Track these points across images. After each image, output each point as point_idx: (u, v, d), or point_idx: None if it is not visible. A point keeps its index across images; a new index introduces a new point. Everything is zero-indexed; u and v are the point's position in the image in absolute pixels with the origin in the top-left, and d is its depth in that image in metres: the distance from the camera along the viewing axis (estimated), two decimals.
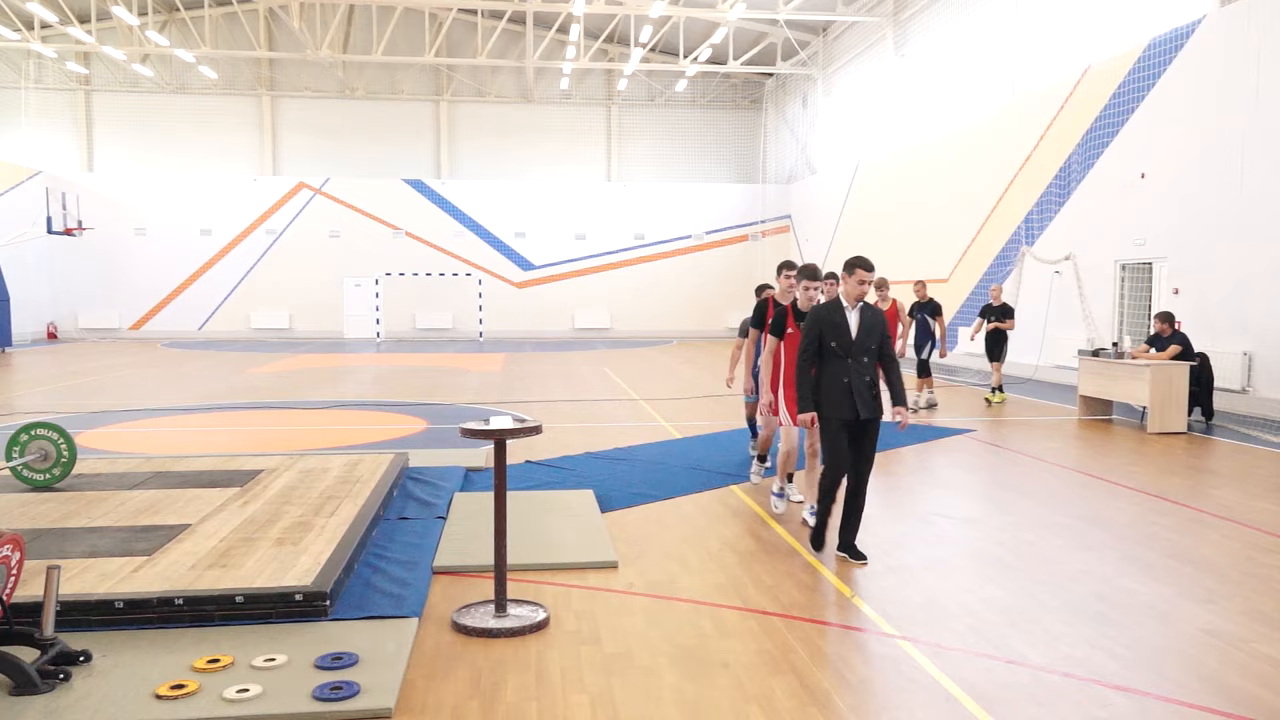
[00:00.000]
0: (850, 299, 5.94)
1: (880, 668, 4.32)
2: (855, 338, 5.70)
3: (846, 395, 5.67)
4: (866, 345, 5.72)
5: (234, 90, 31.80)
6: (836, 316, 5.76)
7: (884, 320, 5.81)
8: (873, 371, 5.72)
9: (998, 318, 13.96)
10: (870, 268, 5.85)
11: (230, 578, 4.82)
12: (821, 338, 5.75)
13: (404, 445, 10.05)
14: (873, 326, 5.75)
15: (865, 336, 5.72)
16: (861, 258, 5.79)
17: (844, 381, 5.68)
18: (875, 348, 5.73)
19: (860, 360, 5.71)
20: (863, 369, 5.71)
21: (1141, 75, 14.63)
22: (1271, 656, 4.38)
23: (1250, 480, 8.42)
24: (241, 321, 31.35)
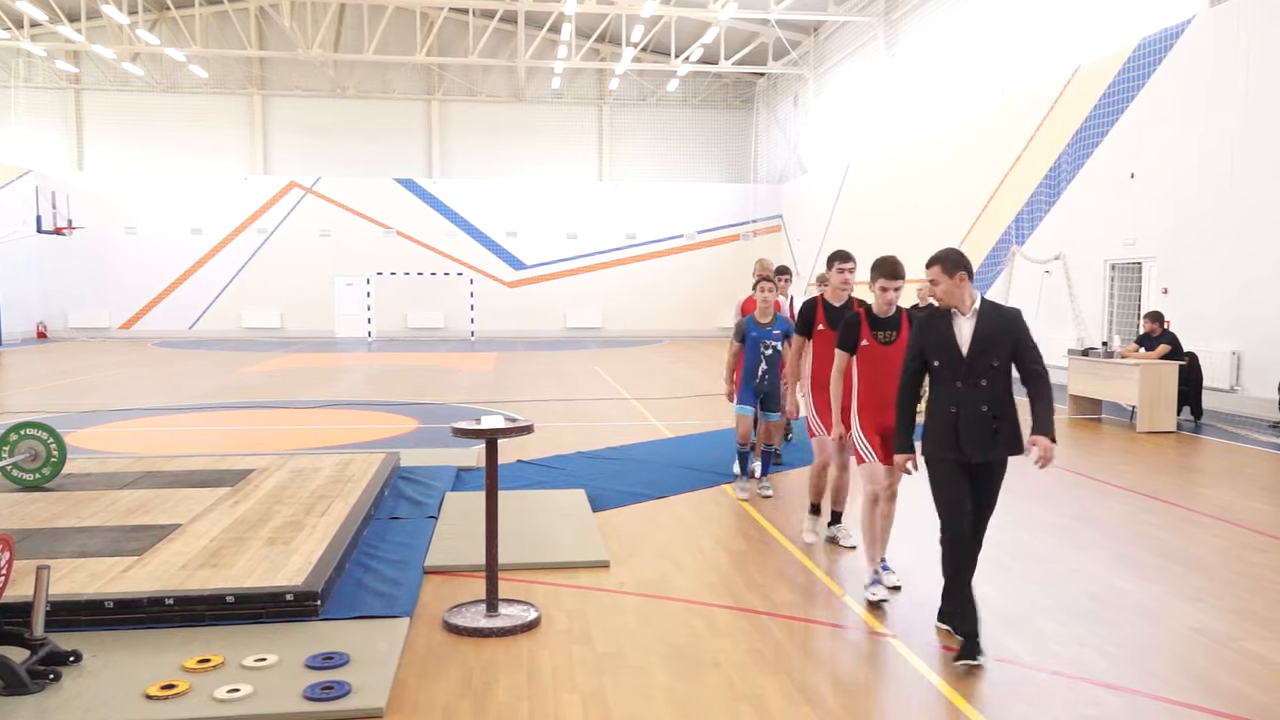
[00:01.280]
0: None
1: (872, 666, 4.34)
2: (967, 355, 4.32)
3: (953, 430, 4.36)
4: (985, 364, 4.30)
5: (225, 89, 31.68)
6: (942, 327, 4.41)
7: (1015, 327, 4.36)
8: (997, 397, 4.33)
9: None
10: (954, 264, 4.43)
11: (221, 577, 4.80)
12: (924, 355, 4.46)
13: (395, 445, 10.03)
14: (994, 338, 4.31)
15: (982, 353, 4.31)
16: (953, 251, 4.47)
17: (950, 411, 4.36)
18: (999, 365, 4.33)
19: (974, 383, 4.32)
20: (978, 395, 4.31)
21: (1131, 76, 14.69)
22: (1259, 654, 4.41)
23: (1239, 479, 8.47)
24: (232, 321, 31.24)
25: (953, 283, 4.37)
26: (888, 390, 5.05)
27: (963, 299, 4.38)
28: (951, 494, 4.41)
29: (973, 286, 4.41)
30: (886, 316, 5.40)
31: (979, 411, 4.31)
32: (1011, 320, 4.39)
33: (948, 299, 4.40)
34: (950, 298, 4.40)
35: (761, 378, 7.33)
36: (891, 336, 5.36)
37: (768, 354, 7.30)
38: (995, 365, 4.32)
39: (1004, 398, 4.33)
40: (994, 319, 4.35)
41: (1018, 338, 4.36)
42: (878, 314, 5.40)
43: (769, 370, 7.31)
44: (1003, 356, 4.32)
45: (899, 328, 5.38)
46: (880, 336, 5.36)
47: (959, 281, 4.37)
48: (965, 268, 4.38)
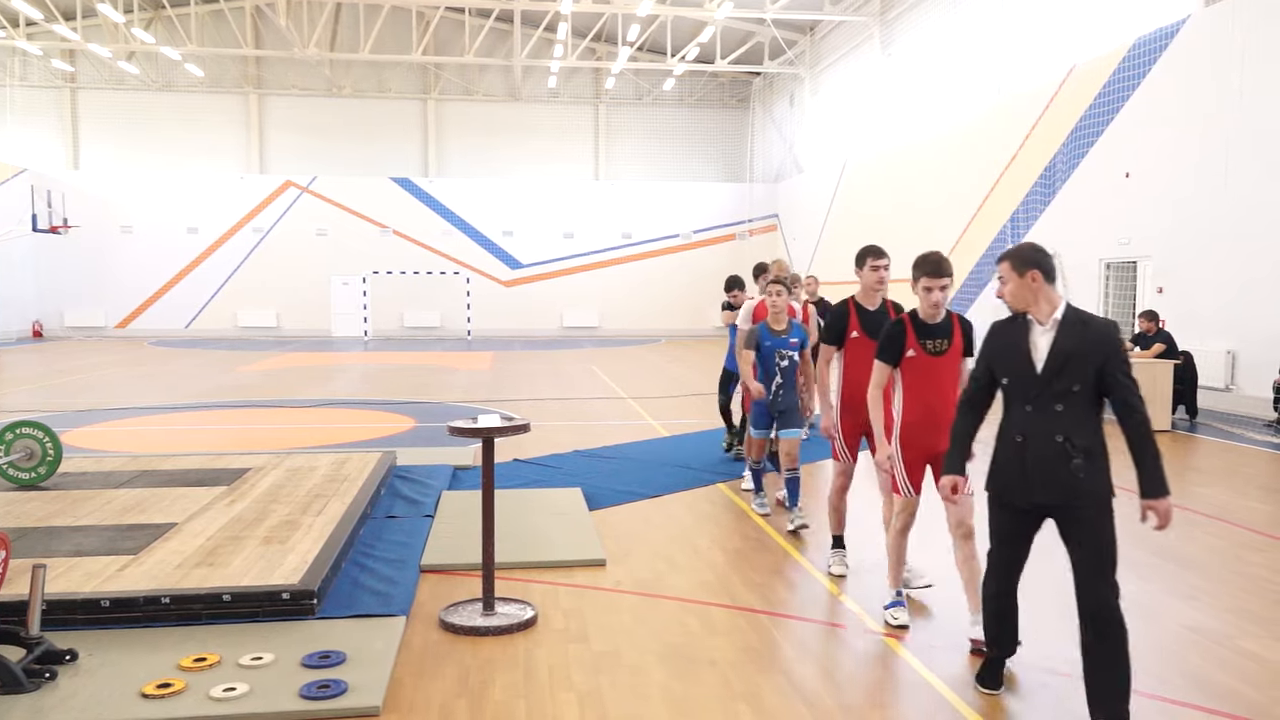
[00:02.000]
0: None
1: (867, 665, 4.35)
2: (1042, 372, 3.53)
3: (1019, 463, 3.59)
4: (1063, 386, 3.50)
5: (220, 88, 31.63)
6: (1014, 336, 3.65)
7: (1106, 345, 3.50)
8: (1077, 426, 3.50)
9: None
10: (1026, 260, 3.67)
11: (217, 576, 4.80)
12: (991, 369, 3.74)
13: (392, 444, 10.03)
14: (1076, 355, 3.48)
15: (1059, 372, 3.50)
16: (1028, 246, 3.72)
17: (1016, 441, 3.60)
18: (1080, 390, 3.48)
19: (1047, 408, 3.52)
20: (1051, 422, 3.52)
21: (1126, 75, 14.72)
22: (1254, 652, 4.42)
23: (1235, 478, 8.49)
24: (228, 320, 31.19)
25: (1022, 282, 3.60)
26: (936, 409, 4.51)
27: (1038, 303, 3.59)
28: (1001, 547, 3.75)
29: (1054, 290, 3.62)
30: (935, 322, 4.62)
31: (1052, 443, 3.51)
32: (1102, 336, 3.51)
33: (1016, 302, 3.65)
34: (1019, 301, 3.63)
35: (776, 392, 6.58)
36: (942, 346, 4.59)
37: (783, 365, 6.55)
38: (1075, 389, 3.49)
39: (1087, 428, 3.50)
40: (1078, 332, 3.52)
41: (1107, 359, 3.47)
42: (924, 319, 4.62)
43: (785, 384, 6.58)
44: (1085, 379, 3.48)
45: (950, 335, 4.63)
46: (929, 346, 4.58)
47: (1031, 281, 3.59)
48: (1040, 265, 3.60)
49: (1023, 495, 3.61)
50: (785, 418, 6.65)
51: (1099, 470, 3.52)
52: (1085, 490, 3.49)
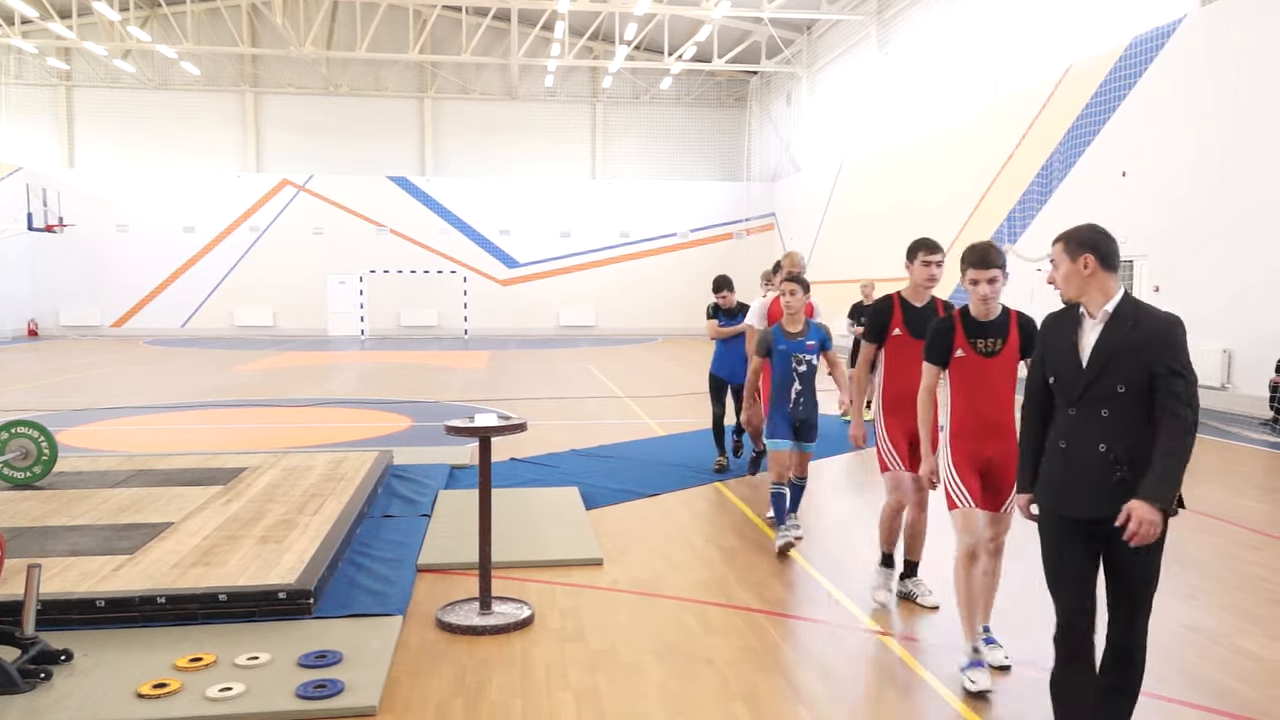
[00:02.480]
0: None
1: (864, 664, 4.34)
2: (1086, 369, 3.12)
3: (1061, 473, 3.20)
4: (1108, 387, 3.07)
5: (217, 86, 31.57)
6: (1065, 330, 3.22)
7: (1159, 343, 3.02)
8: (1125, 434, 3.06)
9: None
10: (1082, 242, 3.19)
11: (213, 576, 4.79)
12: (1044, 368, 3.30)
13: (388, 443, 10.01)
14: (1123, 352, 3.05)
15: (1103, 371, 3.08)
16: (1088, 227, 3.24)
17: (1059, 448, 3.21)
18: (1126, 392, 3.05)
19: (1091, 412, 3.11)
20: (1094, 428, 3.10)
21: (1123, 75, 14.73)
22: (1250, 651, 4.43)
23: (1232, 476, 8.50)
24: (225, 319, 31.15)
25: (1074, 267, 3.14)
26: (988, 414, 4.12)
27: (1090, 293, 3.14)
28: (1059, 564, 3.24)
29: (1112, 279, 3.14)
30: (988, 320, 4.17)
31: (1094, 451, 3.09)
32: (1156, 332, 3.04)
33: (1068, 289, 3.20)
34: (1071, 288, 3.18)
35: (796, 401, 5.90)
36: (995, 346, 4.13)
37: (801, 370, 5.90)
38: (1121, 391, 3.04)
39: (1135, 436, 3.04)
40: (1128, 327, 3.07)
41: (1157, 356, 3.00)
42: (975, 316, 4.18)
43: (804, 391, 5.92)
44: (1133, 380, 3.03)
45: (1005, 334, 4.16)
46: (980, 346, 4.14)
47: (1083, 267, 3.12)
48: (1097, 249, 3.12)
49: (1064, 505, 3.19)
50: (804, 430, 6.00)
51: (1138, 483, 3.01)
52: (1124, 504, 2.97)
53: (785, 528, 6.00)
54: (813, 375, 5.94)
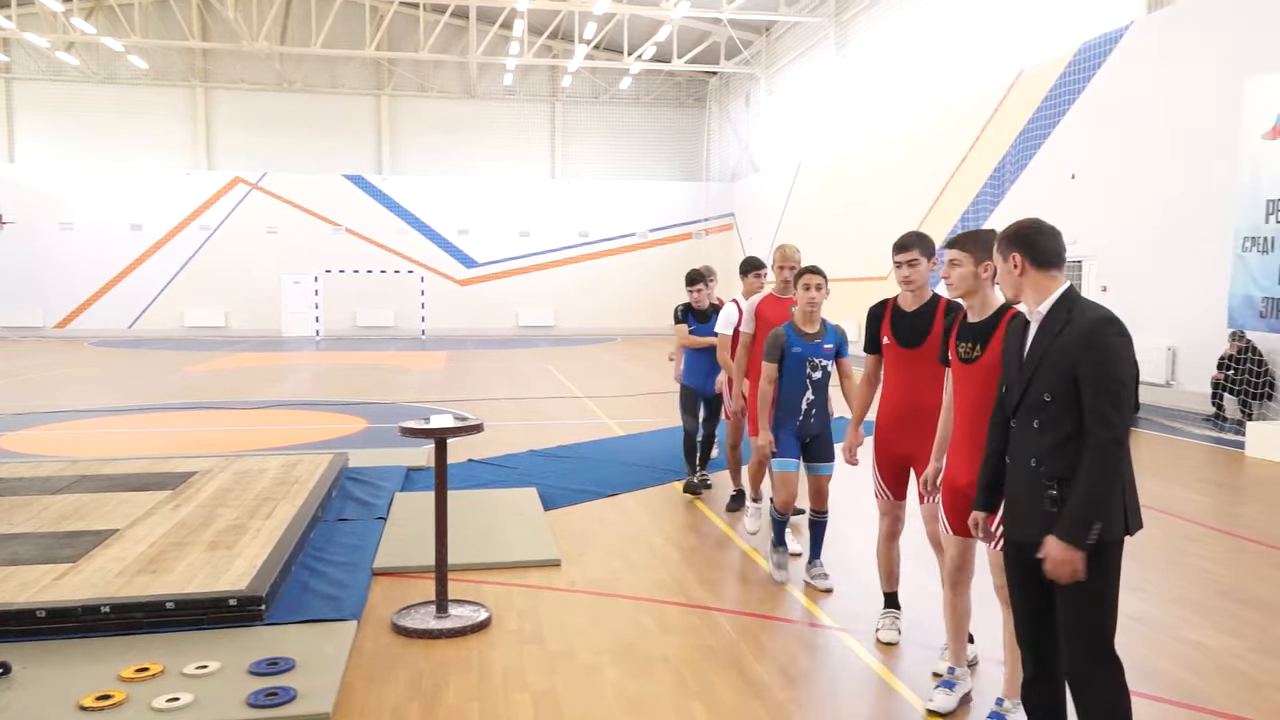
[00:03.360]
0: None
1: (821, 660, 4.37)
2: (1020, 376, 2.94)
3: (1008, 490, 3.04)
4: (1037, 396, 2.86)
5: (165, 81, 30.93)
6: (1016, 335, 3.03)
7: (1084, 347, 2.76)
8: (1056, 450, 2.82)
9: None
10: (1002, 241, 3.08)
11: (160, 584, 4.68)
12: (1002, 375, 3.12)
13: (343, 445, 9.88)
14: (1049, 358, 2.84)
15: (1033, 377, 2.89)
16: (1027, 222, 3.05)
17: (1007, 463, 3.05)
18: (1051, 401, 2.82)
19: (1026, 423, 2.91)
20: (1027, 441, 2.91)
21: (1072, 79, 15.01)
22: (1196, 641, 4.53)
23: (1175, 471, 8.69)
24: (174, 319, 30.54)
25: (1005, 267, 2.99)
26: (969, 428, 3.54)
27: (1025, 293, 2.96)
28: (1014, 591, 3.04)
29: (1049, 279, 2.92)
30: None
31: (1026, 466, 2.88)
32: (1081, 334, 2.77)
33: (1005, 290, 3.06)
34: (1006, 289, 3.03)
35: (808, 413, 5.13)
36: (974, 352, 3.56)
37: (816, 378, 5.12)
38: (1048, 400, 2.81)
39: (1068, 451, 2.79)
40: (1057, 330, 2.83)
41: (1080, 361, 2.74)
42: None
43: (817, 401, 5.15)
44: (1060, 389, 2.78)
45: (988, 340, 3.54)
46: (962, 351, 3.61)
47: (1013, 267, 2.95)
48: (1027, 246, 2.93)
49: (1009, 528, 3.00)
50: (816, 447, 5.22)
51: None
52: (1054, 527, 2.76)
53: (779, 554, 5.34)
54: (827, 383, 5.19)
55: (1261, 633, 4.62)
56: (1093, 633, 2.79)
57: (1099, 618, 2.79)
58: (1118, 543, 2.79)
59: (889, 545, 4.56)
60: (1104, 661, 2.80)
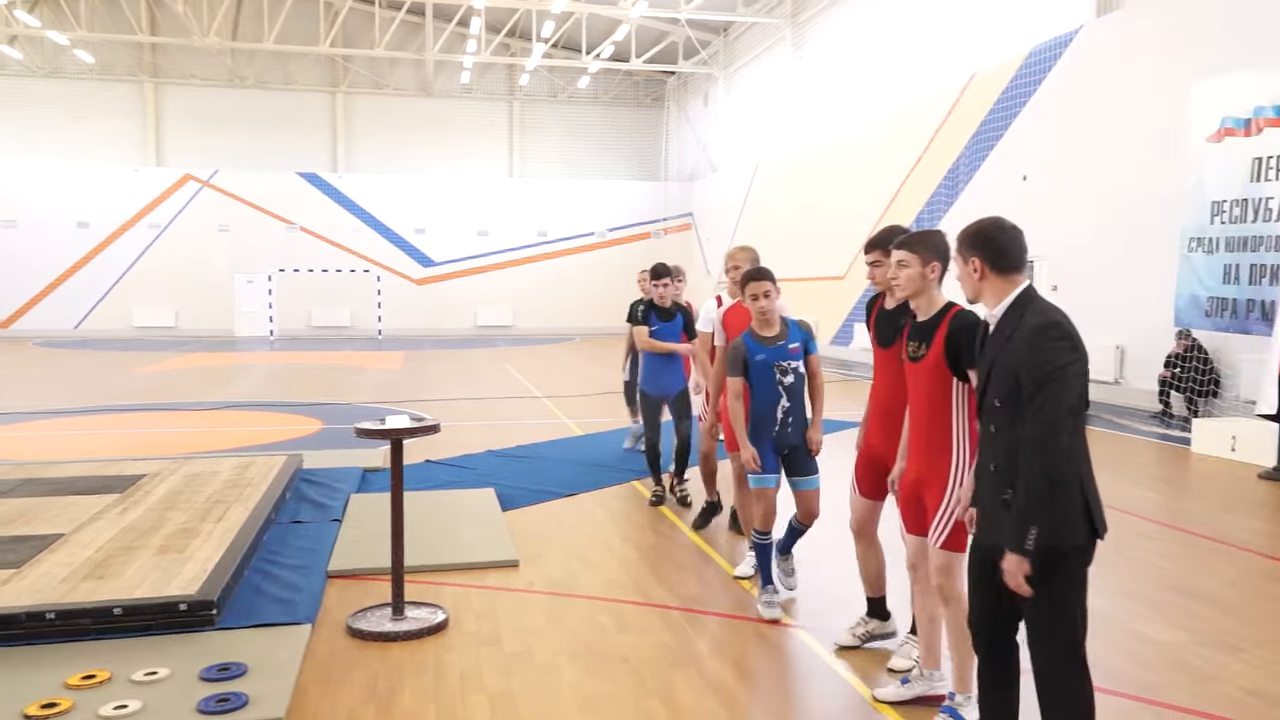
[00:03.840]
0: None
1: (779, 659, 4.39)
2: (978, 380, 3.01)
3: (978, 494, 3.04)
4: (990, 400, 2.90)
5: (113, 76, 30.26)
6: (982, 335, 3.05)
7: (1021, 349, 2.77)
8: (1008, 450, 2.81)
9: None
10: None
11: (107, 589, 4.58)
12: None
13: (298, 447, 9.74)
14: (1000, 363, 2.85)
15: (985, 382, 2.93)
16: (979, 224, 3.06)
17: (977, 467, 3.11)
18: (1002, 406, 2.84)
19: (986, 426, 2.96)
20: (988, 445, 2.96)
21: (1024, 82, 15.27)
22: (1145, 634, 4.62)
23: (1123, 467, 8.88)
24: (122, 319, 29.89)
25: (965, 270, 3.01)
26: (917, 425, 3.62)
27: (985, 296, 2.97)
28: (974, 590, 3.04)
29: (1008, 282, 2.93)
30: (922, 321, 3.61)
31: (986, 469, 2.93)
32: (1022, 339, 2.78)
33: (965, 292, 3.04)
34: (966, 291, 3.02)
35: (784, 422, 4.74)
36: (920, 351, 3.56)
37: (789, 382, 4.73)
38: (998, 405, 2.84)
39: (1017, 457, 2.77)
40: (1006, 335, 2.85)
41: (1021, 367, 2.75)
42: (918, 318, 3.65)
43: (793, 408, 4.74)
44: (1007, 393, 2.79)
45: (931, 338, 3.55)
46: (910, 350, 3.63)
47: (973, 271, 2.97)
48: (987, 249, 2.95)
49: (977, 531, 3.02)
50: (796, 459, 4.82)
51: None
52: (1006, 534, 2.77)
53: (768, 593, 4.85)
54: (801, 385, 4.81)
55: (1210, 626, 4.72)
56: (1058, 639, 2.78)
57: (1065, 624, 2.78)
58: (1078, 548, 2.75)
59: (857, 545, 4.37)
60: (1071, 667, 2.79)
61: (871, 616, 4.42)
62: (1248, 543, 6.29)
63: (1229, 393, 11.11)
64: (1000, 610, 2.92)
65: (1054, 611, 2.77)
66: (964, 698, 3.51)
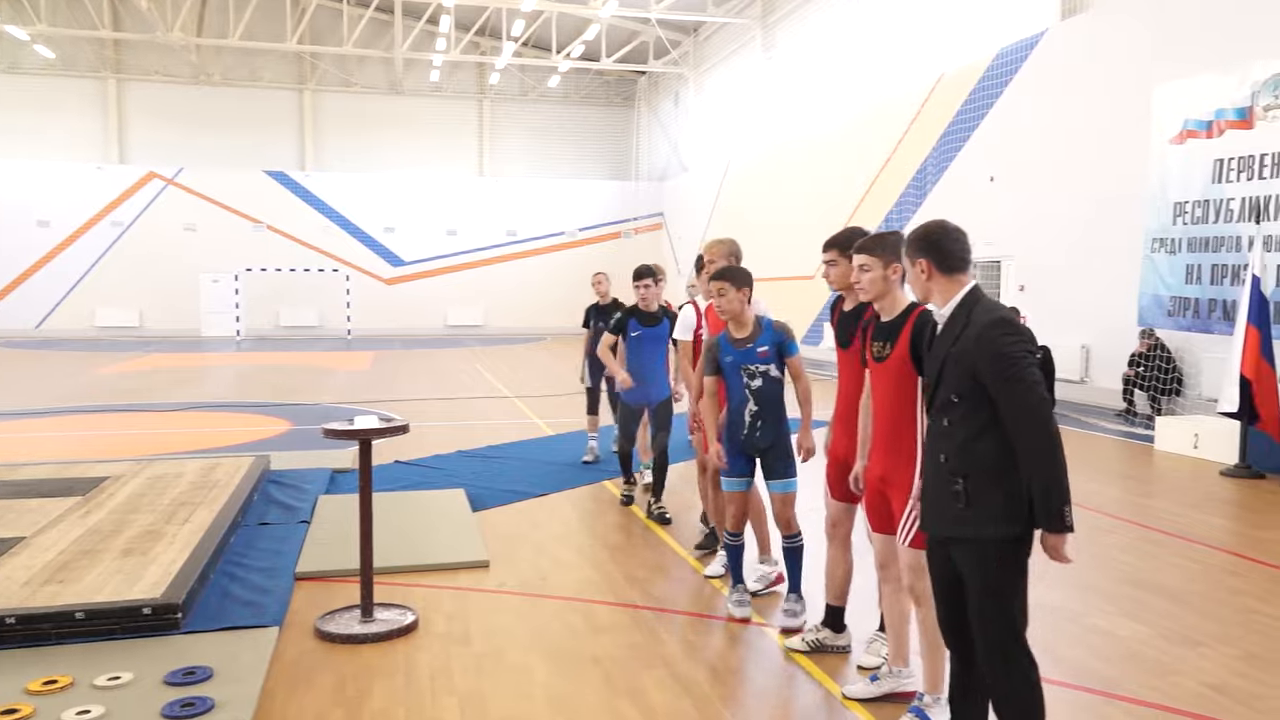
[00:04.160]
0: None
1: (751, 658, 4.41)
2: (928, 375, 3.07)
3: (924, 486, 3.13)
4: (945, 395, 2.95)
5: (75, 71, 29.75)
6: (931, 333, 3.12)
7: (980, 347, 2.83)
8: (964, 447, 2.90)
9: None
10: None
11: (69, 593, 4.51)
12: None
13: (266, 448, 9.64)
14: (953, 360, 2.91)
15: (938, 378, 2.98)
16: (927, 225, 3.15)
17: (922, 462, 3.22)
18: (960, 401, 2.89)
19: (937, 421, 3.00)
20: (939, 438, 2.99)
21: (990, 84, 15.44)
22: (1104, 628, 4.69)
23: (1088, 464, 9.00)
24: (85, 319, 29.42)
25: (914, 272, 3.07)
26: (882, 425, 3.65)
27: (933, 296, 3.06)
28: (934, 585, 3.13)
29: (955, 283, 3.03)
30: (887, 321, 3.63)
31: (936, 462, 2.98)
32: (976, 338, 2.85)
33: (915, 293, 3.13)
34: (916, 292, 3.10)
35: (753, 426, 4.65)
36: (885, 350, 3.60)
37: (755, 386, 4.63)
38: (955, 400, 2.89)
39: (977, 448, 2.86)
40: (957, 333, 2.92)
41: (982, 366, 2.81)
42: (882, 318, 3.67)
43: (762, 412, 4.63)
44: (965, 389, 2.86)
45: (896, 338, 3.60)
46: (875, 350, 3.66)
47: (920, 272, 3.05)
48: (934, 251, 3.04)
49: (924, 522, 3.10)
50: (769, 461, 4.69)
51: (985, 503, 2.85)
52: (967, 526, 2.87)
53: (739, 592, 4.83)
54: (775, 390, 4.65)
55: (1169, 620, 4.80)
56: (1002, 628, 2.88)
57: (1007, 613, 2.87)
58: (1021, 538, 2.87)
59: (829, 548, 4.33)
60: (1015, 655, 2.88)
61: (825, 625, 4.36)
62: (1209, 538, 6.41)
63: (1192, 391, 11.30)
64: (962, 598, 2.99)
65: (998, 598, 2.88)
66: (932, 698, 3.54)
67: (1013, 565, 2.88)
